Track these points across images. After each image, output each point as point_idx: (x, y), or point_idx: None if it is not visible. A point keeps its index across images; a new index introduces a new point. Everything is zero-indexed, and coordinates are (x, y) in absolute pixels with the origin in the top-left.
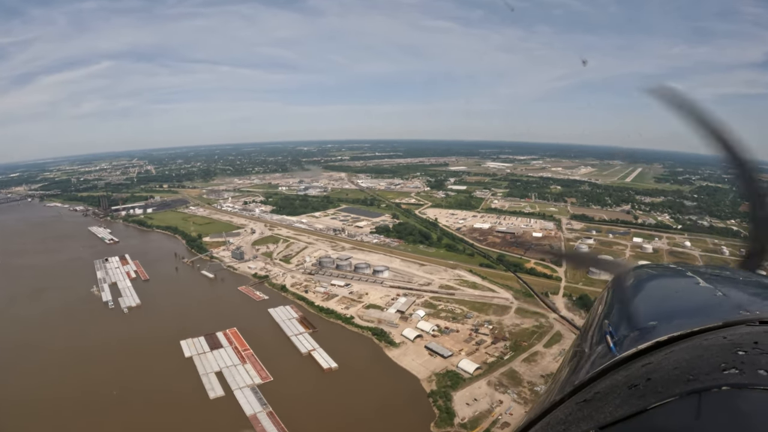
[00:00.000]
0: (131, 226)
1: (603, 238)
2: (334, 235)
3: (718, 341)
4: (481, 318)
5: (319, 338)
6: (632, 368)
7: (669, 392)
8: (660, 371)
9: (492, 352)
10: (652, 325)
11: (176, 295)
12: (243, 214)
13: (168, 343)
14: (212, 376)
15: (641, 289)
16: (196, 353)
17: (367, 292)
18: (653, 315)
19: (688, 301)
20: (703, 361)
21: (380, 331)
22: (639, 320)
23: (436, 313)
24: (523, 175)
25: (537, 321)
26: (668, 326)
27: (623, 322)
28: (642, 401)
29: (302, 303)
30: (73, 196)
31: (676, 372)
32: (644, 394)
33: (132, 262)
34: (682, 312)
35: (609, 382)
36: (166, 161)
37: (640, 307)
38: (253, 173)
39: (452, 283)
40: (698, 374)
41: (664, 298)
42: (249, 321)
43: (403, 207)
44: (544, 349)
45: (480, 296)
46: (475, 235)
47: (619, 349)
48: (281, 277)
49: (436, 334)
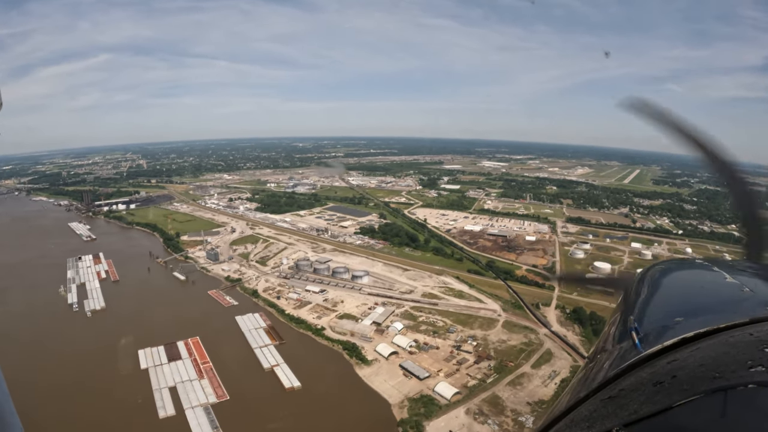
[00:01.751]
0: (112, 222)
1: (600, 243)
2: (316, 235)
3: (744, 338)
4: (465, 333)
5: (285, 351)
6: (657, 365)
7: (695, 390)
8: (686, 368)
9: (474, 373)
10: (677, 322)
11: (143, 298)
12: (226, 212)
13: (125, 352)
14: (165, 391)
15: (667, 284)
16: (153, 365)
17: (343, 299)
18: (679, 311)
19: (715, 297)
20: (729, 359)
21: (352, 345)
22: (664, 316)
23: (415, 326)
24: (518, 174)
25: (526, 337)
26: (694, 322)
27: (648, 319)
28: (667, 399)
29: (272, 310)
30: (60, 190)
31: (702, 369)
32: (669, 391)
33: (104, 262)
34: (708, 308)
35: (634, 379)
36: (159, 156)
37: (665, 303)
38: (244, 169)
39: (437, 291)
40: (724, 372)
41: (690, 294)
42: (214, 329)
43: (392, 206)
44: (531, 370)
45: (466, 307)
46: (465, 238)
47: (644, 345)
48: (254, 281)
49: (414, 351)
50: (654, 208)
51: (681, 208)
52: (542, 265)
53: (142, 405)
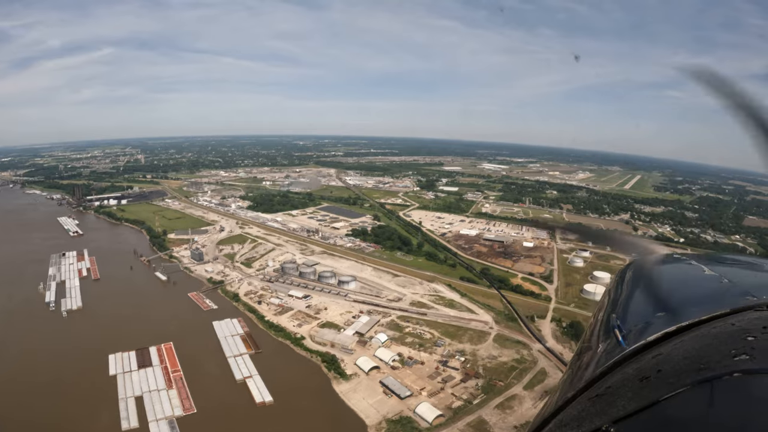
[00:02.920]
0: (102, 217)
1: (599, 251)
2: (306, 236)
3: (726, 328)
4: (453, 347)
5: (260, 362)
6: (642, 361)
7: (681, 382)
8: (670, 362)
9: (460, 393)
10: (659, 316)
11: (121, 299)
12: (218, 210)
13: (96, 356)
14: (131, 401)
15: (647, 280)
16: (122, 371)
17: (327, 306)
18: (660, 306)
19: (695, 290)
20: (713, 349)
21: (331, 357)
22: (646, 312)
23: (401, 337)
24: (518, 177)
25: (518, 353)
26: (676, 316)
27: (630, 315)
28: (654, 393)
29: (252, 316)
30: (54, 183)
31: (686, 362)
32: (656, 385)
33: (87, 259)
34: (688, 301)
35: (620, 376)
36: (158, 151)
37: (646, 298)
38: (242, 166)
39: (426, 300)
40: (709, 362)
41: (671, 288)
42: (189, 335)
43: (387, 208)
44: (523, 391)
45: (456, 318)
46: (460, 243)
47: (627, 342)
48: (237, 283)
49: (397, 366)
50: (655, 215)
51: (683, 215)
52: (539, 274)
53: (105, 415)
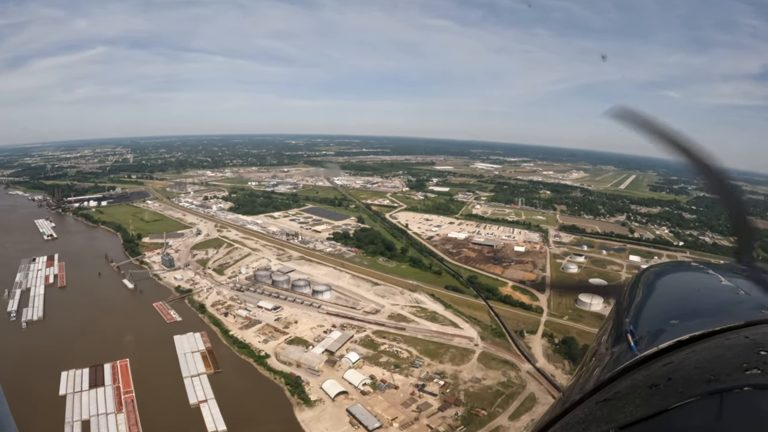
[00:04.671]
0: (80, 220)
1: (596, 255)
2: (285, 240)
3: (740, 341)
4: (432, 367)
5: (219, 383)
6: (653, 368)
7: (690, 392)
8: (681, 371)
9: (437, 424)
10: (673, 324)
11: (84, 309)
12: (198, 212)
13: (48, 373)
14: (78, 426)
15: (662, 287)
16: (73, 391)
17: (298, 319)
18: (674, 314)
19: (710, 300)
20: (724, 361)
21: (296, 380)
22: (660, 319)
23: (375, 356)
24: (511, 177)
25: (505, 375)
26: (689, 325)
27: (644, 321)
28: (663, 401)
29: (217, 330)
30: (38, 184)
31: (697, 372)
32: (665, 394)
33: (57, 265)
34: (703, 311)
35: (629, 381)
36: (149, 150)
37: (661, 305)
38: (231, 165)
39: (406, 312)
40: (720, 374)
41: (686, 297)
42: (148, 350)
43: (373, 209)
44: (508, 422)
45: (437, 333)
46: (448, 247)
47: (639, 348)
48: (205, 292)
49: (368, 391)
50: (652, 216)
51: (680, 216)
52: (530, 281)
53: None
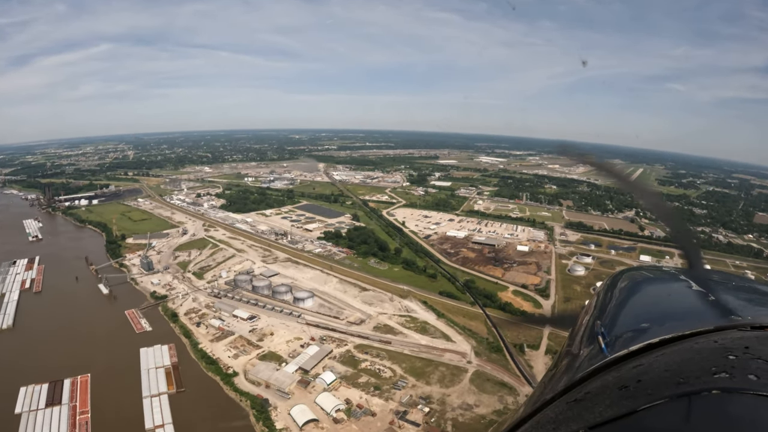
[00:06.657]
0: (69, 219)
1: (604, 255)
2: (273, 240)
3: (709, 345)
4: (417, 390)
5: (180, 405)
6: (623, 369)
7: (659, 394)
8: (651, 373)
9: None
10: (644, 327)
11: (55, 317)
12: (188, 210)
13: (6, 388)
14: None
15: (634, 291)
16: (28, 409)
17: (275, 330)
18: (645, 317)
19: (681, 305)
20: (693, 364)
21: (262, 404)
22: (631, 322)
23: (354, 375)
24: (516, 171)
25: (501, 401)
26: (660, 329)
27: (615, 324)
28: (632, 402)
29: (186, 342)
30: (33, 182)
31: (666, 374)
32: (635, 395)
33: (36, 268)
34: (674, 315)
35: (600, 382)
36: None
37: (632, 308)
38: (230, 161)
39: (394, 322)
40: (689, 377)
41: (657, 301)
42: (111, 364)
43: (371, 205)
44: None
45: (427, 348)
46: (445, 247)
47: (610, 350)
48: (181, 299)
49: (341, 418)
50: None
51: (691, 212)
52: (534, 285)
53: None
